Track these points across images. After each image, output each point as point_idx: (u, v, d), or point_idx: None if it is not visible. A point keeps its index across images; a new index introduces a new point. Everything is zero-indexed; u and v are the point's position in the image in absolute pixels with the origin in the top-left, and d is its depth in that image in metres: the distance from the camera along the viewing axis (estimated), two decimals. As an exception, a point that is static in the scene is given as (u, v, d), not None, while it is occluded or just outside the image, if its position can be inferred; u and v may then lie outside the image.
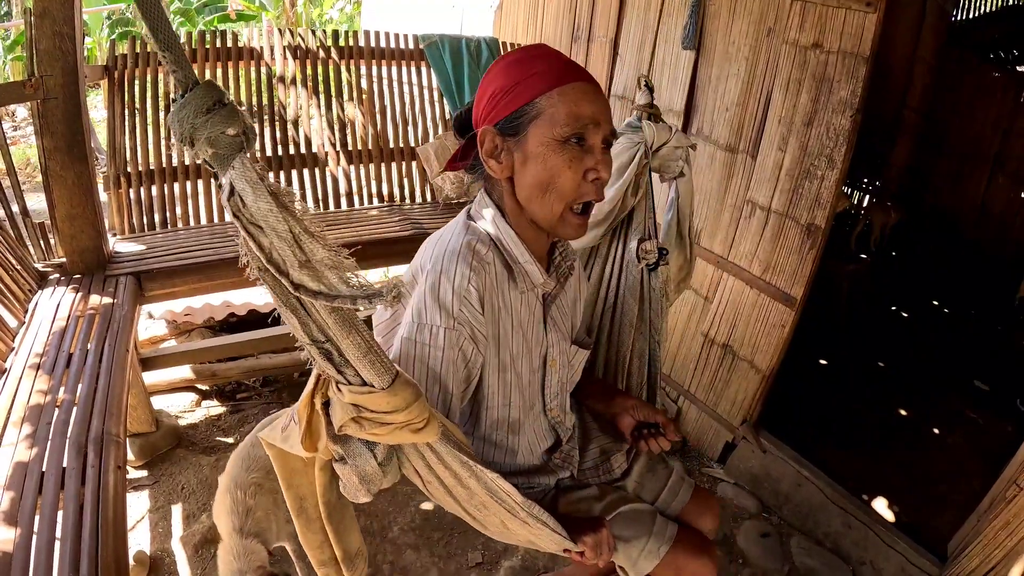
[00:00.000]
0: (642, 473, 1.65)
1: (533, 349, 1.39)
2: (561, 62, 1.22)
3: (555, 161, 1.18)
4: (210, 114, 0.73)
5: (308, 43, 3.52)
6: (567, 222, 1.25)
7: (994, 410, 3.54)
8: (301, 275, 0.81)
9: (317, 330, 0.89)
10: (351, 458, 1.09)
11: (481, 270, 1.22)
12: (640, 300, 1.85)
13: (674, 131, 1.85)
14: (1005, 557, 1.96)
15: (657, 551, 1.46)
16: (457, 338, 1.19)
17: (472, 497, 1.23)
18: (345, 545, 1.30)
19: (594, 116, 1.19)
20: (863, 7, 2.26)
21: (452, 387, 1.22)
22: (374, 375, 0.94)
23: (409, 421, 0.99)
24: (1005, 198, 4.83)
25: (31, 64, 2.30)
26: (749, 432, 2.95)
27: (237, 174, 0.76)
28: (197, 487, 2.69)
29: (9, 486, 1.45)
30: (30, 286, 2.40)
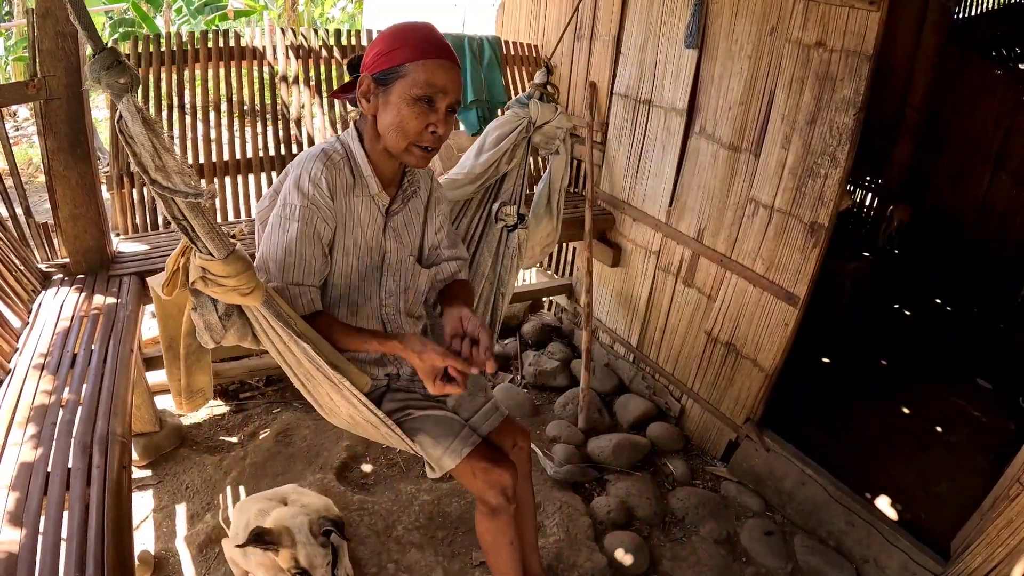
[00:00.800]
0: (462, 394, 1.84)
1: (373, 248, 1.70)
2: (432, 41, 1.53)
3: (407, 112, 1.51)
4: (110, 69, 1.08)
5: (310, 43, 3.52)
6: (411, 153, 1.57)
7: (996, 408, 3.54)
8: (156, 175, 1.15)
9: (178, 211, 1.22)
10: (199, 308, 1.41)
11: (332, 168, 1.56)
12: (494, 255, 2.14)
13: (558, 112, 2.19)
14: (1008, 555, 1.96)
15: (459, 451, 1.72)
16: (310, 214, 1.53)
17: (299, 364, 1.52)
18: (191, 381, 1.68)
19: (443, 86, 1.51)
20: (866, 6, 2.26)
21: (307, 255, 1.55)
22: (214, 248, 1.27)
23: (238, 286, 1.32)
24: (1006, 196, 4.82)
25: (33, 64, 2.30)
26: (752, 431, 2.95)
27: (123, 106, 1.10)
28: (201, 487, 2.70)
29: (15, 486, 1.45)
30: (34, 286, 2.40)
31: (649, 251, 3.46)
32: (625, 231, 3.63)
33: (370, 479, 2.85)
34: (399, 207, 1.74)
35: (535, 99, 2.19)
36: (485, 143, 2.18)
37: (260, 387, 3.42)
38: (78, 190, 2.44)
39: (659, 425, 3.30)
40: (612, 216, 3.69)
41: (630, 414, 3.39)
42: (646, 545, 2.60)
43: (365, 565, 2.38)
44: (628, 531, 2.66)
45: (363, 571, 2.36)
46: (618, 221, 3.67)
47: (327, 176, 1.55)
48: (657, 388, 3.50)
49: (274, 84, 3.43)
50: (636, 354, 3.65)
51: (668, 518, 2.79)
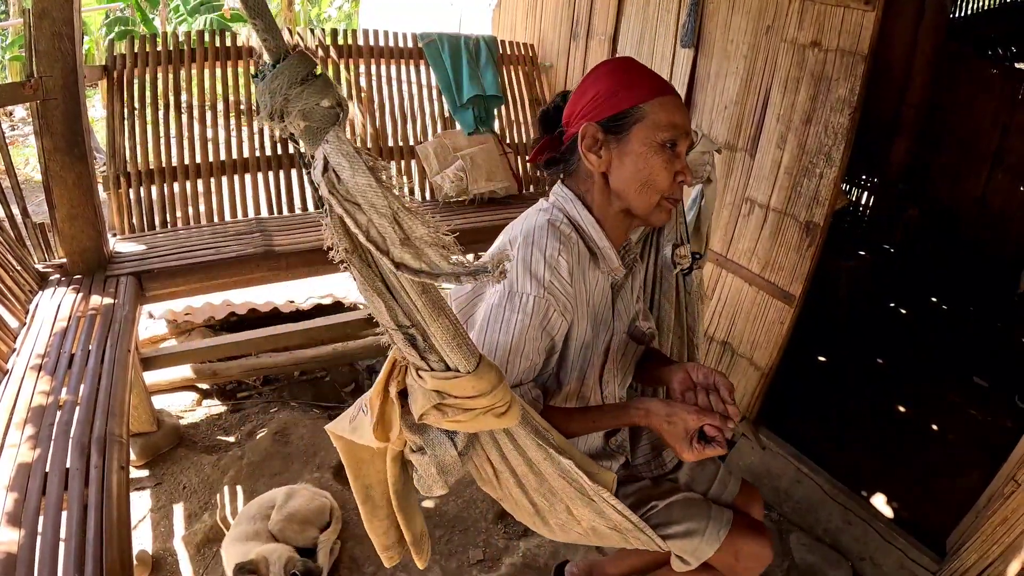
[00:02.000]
0: (692, 466, 1.68)
1: (600, 333, 1.45)
2: (658, 79, 1.35)
3: (655, 162, 1.30)
4: (304, 85, 0.71)
5: (307, 42, 3.52)
6: (662, 208, 1.35)
7: (993, 406, 3.54)
8: (403, 253, 0.78)
9: (403, 315, 0.87)
10: (430, 448, 1.06)
11: (569, 243, 1.29)
12: (676, 304, 1.88)
13: (700, 136, 1.86)
14: (1003, 553, 1.97)
15: (717, 534, 1.49)
16: (545, 306, 1.25)
17: (542, 484, 1.25)
18: (412, 529, 1.32)
19: (685, 127, 1.32)
20: (862, 5, 2.27)
21: (533, 354, 1.27)
22: (460, 359, 0.91)
23: (492, 405, 0.97)
24: (1004, 194, 4.84)
25: (30, 65, 2.30)
26: (749, 429, 2.96)
27: (332, 148, 0.73)
28: (199, 486, 2.70)
29: (13, 487, 1.46)
30: (31, 287, 2.40)
31: (646, 250, 3.46)
32: (622, 230, 3.63)
33: (368, 478, 2.85)
34: (623, 281, 1.50)
35: None
36: None
37: (257, 386, 3.42)
38: (75, 190, 2.45)
39: (656, 424, 3.29)
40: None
41: (627, 413, 3.38)
42: (643, 543, 2.60)
43: (363, 564, 2.38)
44: (625, 529, 2.66)
45: (361, 570, 2.36)
46: (615, 220, 3.67)
47: (566, 256, 1.27)
48: (654, 387, 3.50)
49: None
50: (633, 353, 3.65)
51: (665, 516, 2.79)
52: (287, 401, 3.32)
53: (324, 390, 3.46)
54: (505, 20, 4.49)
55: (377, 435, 1.03)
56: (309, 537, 2.31)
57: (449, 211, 3.60)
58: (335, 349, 3.46)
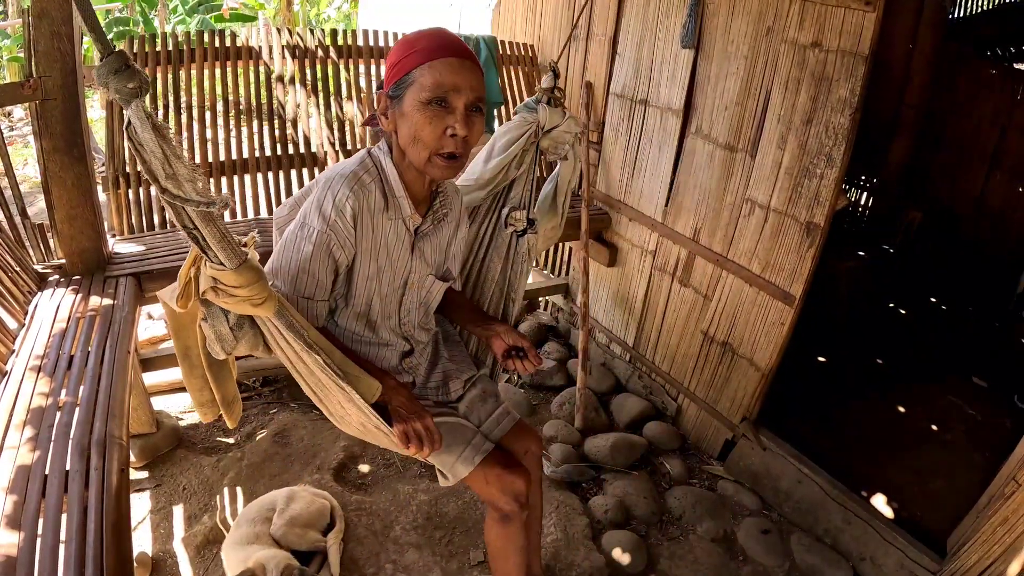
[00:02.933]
0: (473, 400, 1.89)
1: (397, 269, 1.67)
2: (438, 41, 1.48)
3: (418, 118, 1.46)
4: (118, 73, 1.02)
5: (307, 42, 3.52)
6: (434, 164, 1.50)
7: (992, 406, 3.55)
8: (167, 183, 1.11)
9: (188, 219, 1.17)
10: (210, 319, 1.37)
11: (360, 193, 1.51)
12: (504, 260, 2.10)
13: (566, 116, 2.14)
14: (1004, 553, 1.97)
15: (472, 459, 1.71)
16: (327, 240, 1.50)
17: (311, 373, 1.47)
18: (223, 391, 1.62)
19: (455, 84, 1.44)
20: (862, 6, 2.27)
21: (318, 274, 1.53)
22: (225, 257, 1.23)
23: (250, 296, 1.28)
24: (1003, 194, 4.84)
25: (29, 65, 2.29)
26: (749, 430, 2.96)
27: (132, 112, 1.05)
28: (198, 488, 2.70)
29: (12, 489, 1.45)
30: (29, 288, 2.40)
31: (645, 251, 3.47)
32: (621, 231, 3.63)
33: (368, 479, 2.85)
34: (428, 228, 1.70)
35: (543, 103, 2.14)
36: (494, 149, 2.15)
37: (257, 388, 3.42)
38: (74, 191, 2.44)
39: (656, 424, 3.31)
40: (608, 216, 3.70)
41: (627, 413, 3.39)
42: (644, 544, 2.60)
43: (363, 565, 2.38)
44: (626, 530, 2.66)
45: (361, 571, 2.36)
46: (614, 221, 3.67)
47: (353, 203, 1.51)
48: (654, 387, 3.50)
49: (270, 84, 3.43)
50: (632, 353, 3.65)
51: (665, 517, 2.80)
52: (287, 402, 3.31)
53: (324, 391, 3.45)
54: (504, 20, 4.49)
55: (179, 303, 1.35)
56: (311, 540, 2.31)
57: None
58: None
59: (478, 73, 1.50)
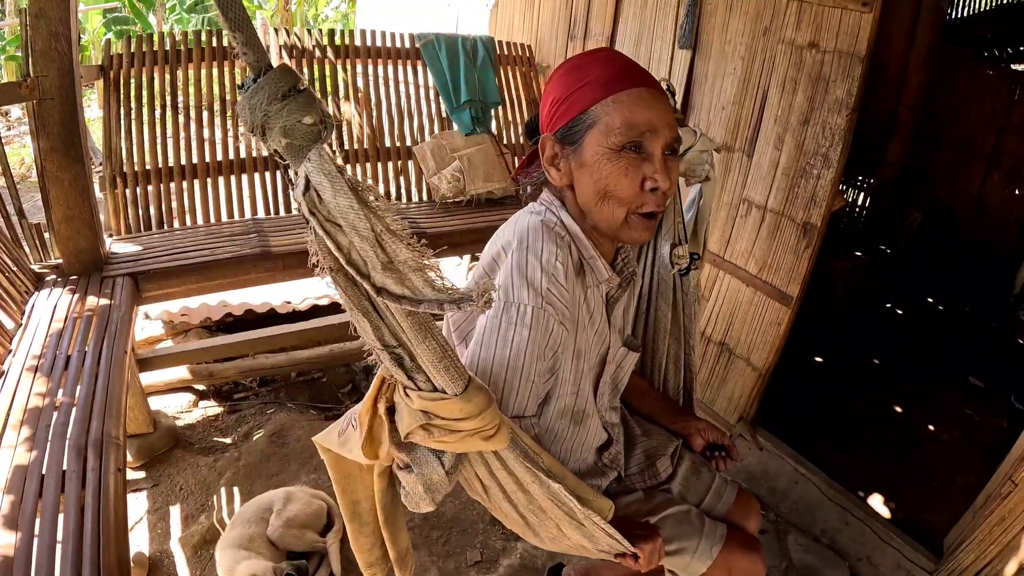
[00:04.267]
0: (687, 476, 1.63)
1: (594, 344, 1.38)
2: (616, 67, 1.21)
3: (610, 170, 1.17)
4: (286, 100, 0.68)
5: (304, 42, 3.52)
6: (631, 225, 1.23)
7: (989, 407, 3.55)
8: (384, 278, 0.76)
9: (390, 334, 0.85)
10: (417, 466, 1.03)
11: (565, 247, 1.21)
12: (673, 305, 1.82)
13: (699, 135, 1.82)
14: (1000, 553, 1.97)
15: (709, 551, 1.45)
16: (545, 317, 1.16)
17: (531, 502, 1.19)
18: (398, 546, 1.30)
19: (650, 123, 1.17)
20: (859, 7, 2.27)
21: (534, 375, 1.18)
22: (448, 381, 0.89)
23: (480, 428, 0.95)
24: (1000, 195, 4.85)
25: (27, 65, 2.29)
26: (746, 430, 2.96)
27: (314, 167, 0.70)
28: (195, 488, 2.69)
29: (9, 489, 1.45)
30: (26, 287, 2.40)
31: (643, 251, 3.46)
32: (619, 231, 3.62)
33: (365, 479, 2.85)
34: (619, 293, 1.42)
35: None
36: None
37: (254, 388, 3.41)
38: (71, 191, 2.44)
39: (653, 424, 3.30)
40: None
41: (625, 413, 3.39)
42: (641, 544, 2.60)
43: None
44: (623, 530, 2.66)
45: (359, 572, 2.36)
46: (612, 221, 3.67)
47: (563, 259, 1.19)
48: (651, 387, 3.50)
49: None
50: (630, 353, 3.65)
51: (663, 517, 2.79)
52: (284, 402, 3.31)
53: (321, 391, 3.45)
54: (502, 21, 4.49)
55: (366, 452, 1.02)
56: (308, 541, 2.31)
57: (446, 212, 3.60)
58: (332, 350, 3.45)
59: (669, 105, 1.23)
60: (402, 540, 1.31)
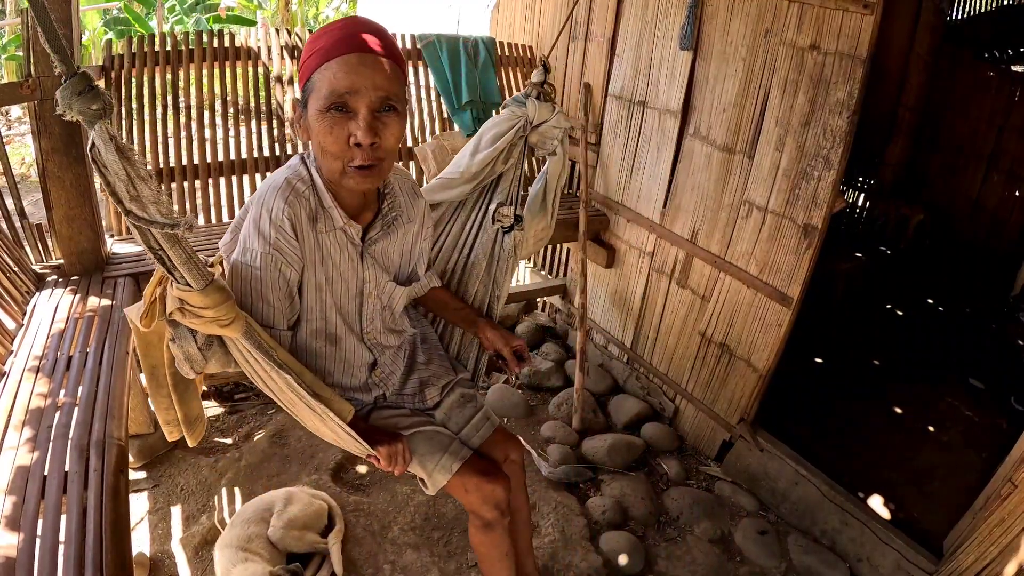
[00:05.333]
0: (451, 406, 1.85)
1: (349, 280, 1.58)
2: (339, 35, 1.33)
3: (319, 128, 1.33)
4: (81, 95, 1.03)
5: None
6: (348, 175, 1.38)
7: (989, 408, 3.56)
8: (131, 205, 1.12)
9: (154, 241, 1.18)
10: (178, 339, 1.36)
11: (296, 203, 1.42)
12: (489, 257, 2.06)
13: (556, 112, 2.09)
14: (1000, 554, 1.98)
15: (450, 467, 1.68)
16: (273, 260, 1.41)
17: (282, 392, 1.45)
18: (186, 410, 1.60)
19: (351, 86, 1.29)
20: (860, 9, 2.27)
21: (273, 300, 1.45)
22: (191, 279, 1.24)
23: (217, 317, 1.28)
24: (999, 195, 4.86)
25: (28, 65, 2.29)
26: (746, 431, 2.96)
27: (96, 134, 1.06)
28: (196, 488, 2.70)
29: (11, 491, 1.45)
30: (28, 288, 2.40)
31: (643, 252, 3.47)
32: (619, 232, 3.64)
33: (365, 480, 2.85)
34: (378, 234, 1.60)
35: (532, 98, 2.10)
36: (481, 142, 2.12)
37: (254, 388, 3.41)
38: (72, 191, 2.44)
39: (653, 425, 3.31)
40: (606, 217, 3.70)
41: (624, 414, 3.40)
42: (641, 545, 2.61)
43: (361, 566, 2.38)
44: (623, 531, 2.67)
45: (359, 572, 2.36)
46: (612, 222, 3.68)
47: (289, 214, 1.41)
48: (651, 388, 3.51)
49: (268, 84, 3.43)
50: (630, 355, 3.66)
51: (663, 518, 2.80)
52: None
53: (322, 391, 3.45)
54: (503, 21, 4.49)
55: (143, 323, 1.34)
56: (309, 542, 2.31)
57: (447, 212, 3.59)
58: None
59: (385, 67, 1.34)
60: (192, 407, 1.62)
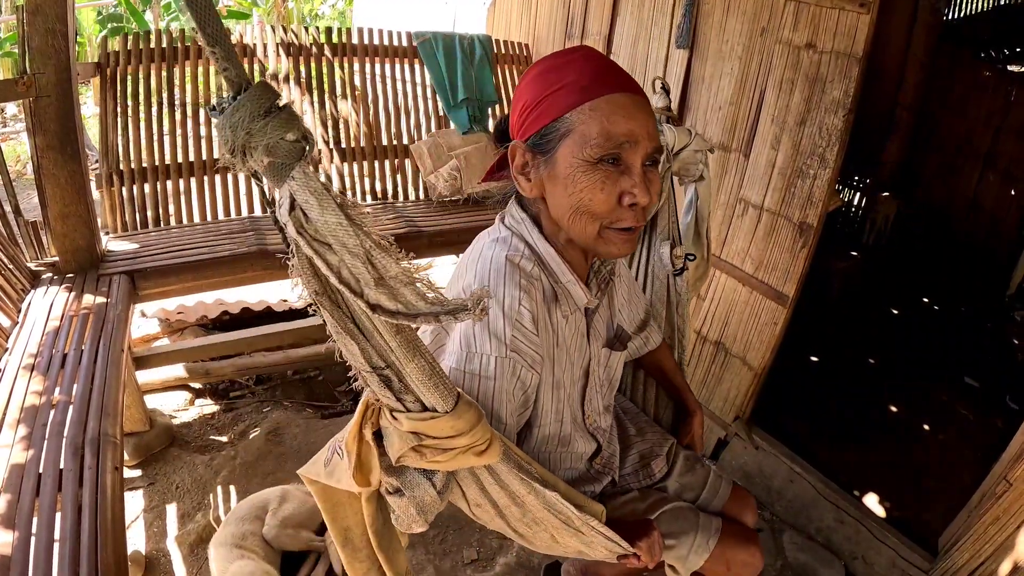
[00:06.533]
0: (682, 474, 1.63)
1: (575, 363, 1.33)
2: (594, 70, 1.11)
3: (584, 183, 1.08)
4: (268, 118, 0.65)
5: (301, 40, 3.51)
6: (608, 240, 1.14)
7: (984, 406, 3.57)
8: (378, 294, 0.74)
9: (377, 356, 0.82)
10: (408, 489, 1.01)
11: (531, 288, 1.14)
12: (667, 305, 1.83)
13: (693, 134, 1.80)
14: (995, 552, 1.99)
15: (706, 544, 1.46)
16: (512, 366, 1.11)
17: (525, 515, 1.18)
18: (395, 569, 1.23)
19: (630, 133, 1.07)
20: (856, 8, 2.27)
21: (506, 417, 1.14)
22: (438, 399, 0.86)
23: (473, 444, 0.93)
24: (995, 195, 4.87)
25: (23, 62, 2.28)
26: (742, 429, 2.97)
27: (299, 185, 0.68)
28: (192, 486, 2.69)
29: (6, 488, 1.45)
30: (23, 285, 2.39)
31: (640, 250, 3.47)
32: (616, 230, 3.63)
33: (362, 478, 2.85)
34: (597, 301, 1.35)
35: (667, 124, 1.85)
36: None
37: (250, 386, 3.41)
38: (68, 188, 2.43)
39: (650, 423, 3.31)
40: (603, 215, 3.69)
41: (621, 412, 3.39)
42: (637, 543, 2.61)
43: (357, 564, 2.38)
44: (619, 529, 2.66)
45: (355, 570, 2.36)
46: (609, 220, 3.67)
47: (528, 304, 1.12)
48: (648, 386, 3.50)
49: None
50: (627, 352, 3.65)
51: (659, 516, 2.80)
52: (280, 400, 3.31)
53: (317, 389, 3.45)
54: (500, 19, 4.49)
55: (357, 480, 0.98)
56: (304, 540, 2.31)
57: (443, 210, 3.60)
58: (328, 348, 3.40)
59: (651, 111, 1.13)
60: (399, 562, 1.24)
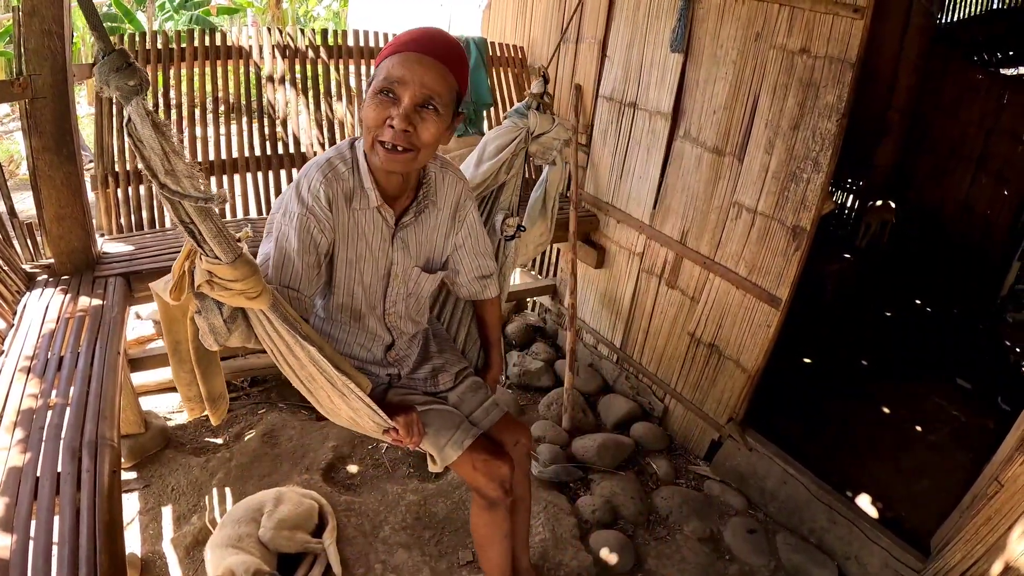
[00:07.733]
0: (464, 392, 1.95)
1: (378, 259, 1.69)
2: (411, 37, 1.49)
3: (368, 104, 1.48)
4: (119, 71, 1.05)
5: (297, 42, 3.51)
6: (376, 151, 1.50)
7: (976, 408, 3.59)
8: (166, 179, 1.14)
9: (185, 215, 1.20)
10: (204, 311, 1.40)
11: (333, 181, 1.56)
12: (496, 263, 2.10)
13: (556, 123, 2.17)
14: (987, 552, 2.01)
15: (461, 442, 1.77)
16: (306, 222, 1.54)
17: (302, 367, 1.54)
18: (209, 387, 1.69)
19: (402, 77, 1.43)
20: (850, 13, 2.29)
21: (301, 264, 1.55)
22: (221, 252, 1.26)
23: (245, 290, 1.32)
24: (988, 197, 4.90)
25: (19, 63, 2.28)
26: (735, 430, 2.98)
27: (132, 109, 1.08)
28: (187, 488, 2.69)
29: (4, 492, 1.45)
30: (18, 287, 2.38)
31: (633, 253, 3.49)
32: (609, 233, 3.65)
33: (356, 480, 2.86)
34: (410, 219, 1.70)
35: (533, 109, 2.17)
36: (484, 153, 2.19)
37: (245, 388, 3.41)
38: (64, 190, 2.43)
39: (643, 425, 3.33)
40: (596, 218, 3.71)
41: (614, 414, 3.41)
42: (631, 543, 2.62)
43: (352, 565, 2.39)
44: (613, 530, 2.68)
45: (351, 571, 2.36)
46: (602, 223, 3.69)
47: (324, 190, 1.55)
48: (641, 388, 3.52)
49: (260, 83, 3.42)
50: (620, 355, 3.67)
51: (652, 517, 2.82)
52: (275, 402, 3.31)
53: (313, 391, 3.45)
54: (495, 22, 4.50)
55: (172, 295, 1.38)
56: (300, 542, 2.32)
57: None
58: (324, 350, 3.44)
59: (438, 72, 1.47)
60: (215, 384, 1.70)
